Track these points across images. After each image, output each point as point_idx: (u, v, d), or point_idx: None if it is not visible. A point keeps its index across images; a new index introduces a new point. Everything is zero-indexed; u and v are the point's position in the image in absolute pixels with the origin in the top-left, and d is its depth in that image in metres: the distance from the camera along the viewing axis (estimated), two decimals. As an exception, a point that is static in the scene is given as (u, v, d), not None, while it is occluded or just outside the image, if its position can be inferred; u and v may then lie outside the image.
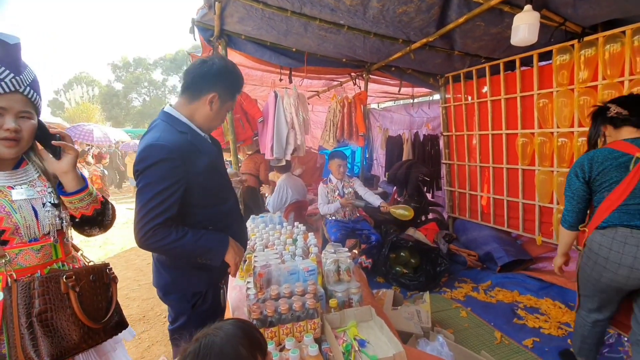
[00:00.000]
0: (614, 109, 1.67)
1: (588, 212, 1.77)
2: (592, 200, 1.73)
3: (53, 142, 1.04)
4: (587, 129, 2.80)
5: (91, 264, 1.18)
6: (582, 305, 1.85)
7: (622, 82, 2.53)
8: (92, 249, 4.92)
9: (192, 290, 1.34)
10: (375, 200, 3.34)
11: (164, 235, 1.17)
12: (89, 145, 9.71)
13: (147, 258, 4.72)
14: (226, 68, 1.31)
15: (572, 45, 2.77)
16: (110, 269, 1.19)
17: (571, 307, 2.71)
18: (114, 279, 1.18)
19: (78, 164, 1.11)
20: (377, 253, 3.35)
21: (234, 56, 3.37)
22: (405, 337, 2.05)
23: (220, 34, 2.91)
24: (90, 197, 1.12)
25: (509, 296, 2.95)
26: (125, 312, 1.25)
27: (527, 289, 3.05)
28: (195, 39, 3.04)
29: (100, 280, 1.13)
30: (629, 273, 1.52)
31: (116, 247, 5.17)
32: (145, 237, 1.16)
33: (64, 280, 1.01)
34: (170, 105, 1.35)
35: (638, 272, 1.49)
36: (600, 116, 1.75)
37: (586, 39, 2.67)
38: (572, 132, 2.90)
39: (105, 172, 8.90)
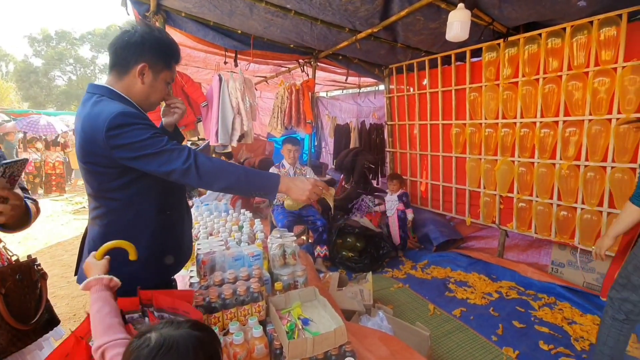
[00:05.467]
0: None
1: None
2: None
3: None
4: (509, 121, 3.14)
5: (14, 258, 1.08)
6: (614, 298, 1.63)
7: (537, 80, 2.86)
8: (10, 245, 4.32)
9: (146, 284, 1.14)
10: None
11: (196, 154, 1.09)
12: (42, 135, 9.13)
13: (75, 252, 4.30)
14: (151, 34, 1.16)
15: (499, 44, 3.06)
16: (39, 265, 1.11)
17: (493, 279, 3.07)
18: (42, 275, 1.10)
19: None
20: (327, 240, 3.41)
21: (174, 34, 3.15)
22: (349, 315, 2.16)
23: (157, 9, 2.70)
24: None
25: (442, 272, 3.24)
26: (53, 312, 1.16)
27: (458, 265, 3.37)
28: (128, 13, 2.78)
29: (27, 278, 1.05)
30: None
31: (39, 242, 4.63)
32: (189, 161, 1.05)
33: None
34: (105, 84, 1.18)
35: None
36: None
37: (510, 39, 2.96)
38: (497, 124, 3.22)
39: (67, 159, 9.20)
